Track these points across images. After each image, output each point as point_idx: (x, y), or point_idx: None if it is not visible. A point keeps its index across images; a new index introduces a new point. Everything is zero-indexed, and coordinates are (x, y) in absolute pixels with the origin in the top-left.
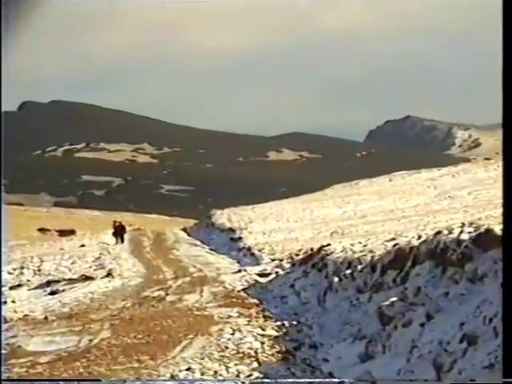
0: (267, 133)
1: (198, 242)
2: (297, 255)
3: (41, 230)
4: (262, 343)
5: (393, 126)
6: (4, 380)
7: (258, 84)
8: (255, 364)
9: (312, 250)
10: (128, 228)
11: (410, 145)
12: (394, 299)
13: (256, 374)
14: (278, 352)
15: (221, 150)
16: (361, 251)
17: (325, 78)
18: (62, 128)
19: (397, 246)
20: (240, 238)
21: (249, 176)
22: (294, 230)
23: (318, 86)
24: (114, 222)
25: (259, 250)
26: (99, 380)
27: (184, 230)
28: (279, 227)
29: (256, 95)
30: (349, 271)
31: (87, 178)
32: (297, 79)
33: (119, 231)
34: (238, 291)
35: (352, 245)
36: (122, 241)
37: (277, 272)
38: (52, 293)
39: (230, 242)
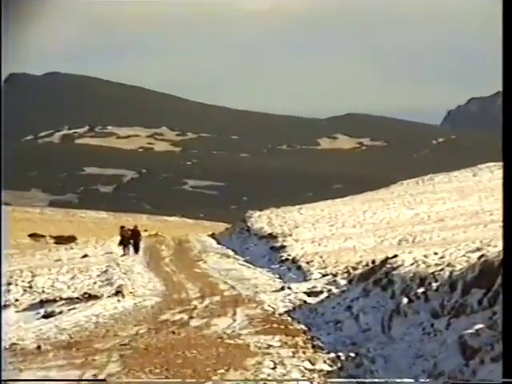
0: (318, 114)
1: (230, 252)
2: (355, 269)
3: (32, 235)
4: (311, 381)
5: (478, 104)
6: (4, 380)
7: (304, 53)
8: None
9: (374, 262)
10: (142, 234)
11: (500, 129)
12: (480, 326)
13: None
14: None
15: (259, 136)
16: (436, 264)
17: (388, 45)
18: (59, 107)
19: (483, 259)
20: (283, 247)
21: (294, 169)
22: (351, 237)
23: (379, 55)
24: (122, 228)
25: (307, 263)
26: (104, 380)
27: (213, 236)
28: (333, 234)
29: (302, 67)
30: (421, 290)
31: (91, 170)
32: (353, 48)
33: (132, 238)
34: (281, 314)
35: (425, 256)
36: (137, 250)
37: (329, 290)
38: (46, 315)
39: (271, 252)
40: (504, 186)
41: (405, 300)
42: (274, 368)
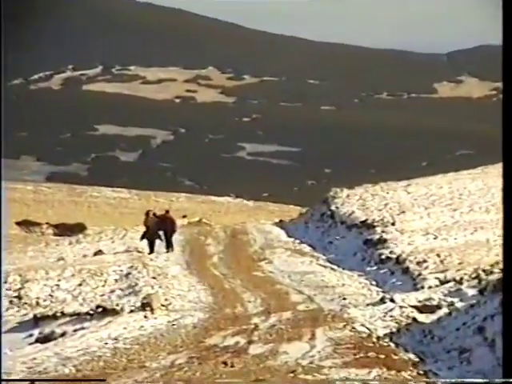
0: (434, 47)
1: (307, 247)
2: (488, 273)
3: (22, 223)
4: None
5: None
6: (4, 380)
7: None
8: None
9: None
10: (180, 221)
11: None
12: None
13: None
14: None
15: (349, 81)
16: None
17: None
18: (60, 37)
19: None
20: (383, 241)
21: (399, 127)
22: (482, 226)
23: None
24: (147, 213)
25: (418, 264)
26: (103, 380)
27: (281, 224)
28: (456, 222)
29: None
30: None
31: (106, 129)
32: None
33: (162, 228)
34: (380, 338)
35: None
36: (170, 246)
37: (451, 304)
38: (43, 339)
39: (365, 248)
40: (504, 186)
41: None
42: None
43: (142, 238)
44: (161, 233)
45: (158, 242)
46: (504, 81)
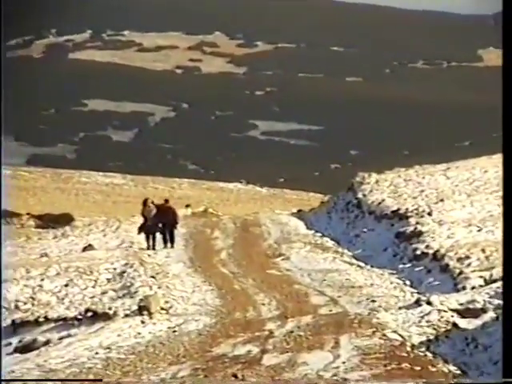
0: (477, 8)
1: (329, 242)
2: None
3: None
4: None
5: None
6: (4, 380)
7: None
8: None
9: None
10: (182, 212)
11: None
12: None
13: None
14: None
15: (378, 47)
16: None
17: None
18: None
19: None
20: (418, 234)
21: (438, 100)
22: None
23: None
24: (145, 203)
25: (460, 260)
26: (100, 380)
27: (299, 215)
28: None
29: None
30: None
31: (96, 104)
32: None
33: (162, 220)
34: (415, 347)
35: None
36: (169, 241)
37: (498, 308)
38: (23, 348)
39: (397, 242)
40: (504, 186)
41: None
42: None
43: (140, 231)
44: (159, 226)
45: (158, 236)
46: (504, 80)
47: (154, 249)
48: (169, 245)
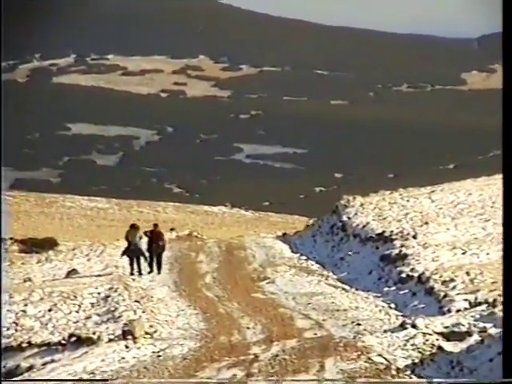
0: (462, 30)
1: (314, 265)
2: None
3: None
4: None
5: None
6: (4, 380)
7: None
8: None
9: None
10: (167, 235)
11: None
12: None
13: None
14: None
15: (362, 71)
16: None
17: None
18: (24, 20)
19: None
20: (403, 257)
21: (422, 123)
22: None
23: None
24: (130, 228)
25: (444, 283)
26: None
27: (284, 238)
28: (488, 234)
29: None
30: None
31: (81, 128)
32: None
33: (152, 245)
34: (400, 370)
35: None
36: (157, 266)
37: (483, 331)
38: (7, 374)
39: (382, 265)
40: (504, 188)
41: None
42: None
43: (123, 254)
44: (149, 253)
45: (142, 260)
46: (504, 80)
47: (140, 274)
48: (155, 271)
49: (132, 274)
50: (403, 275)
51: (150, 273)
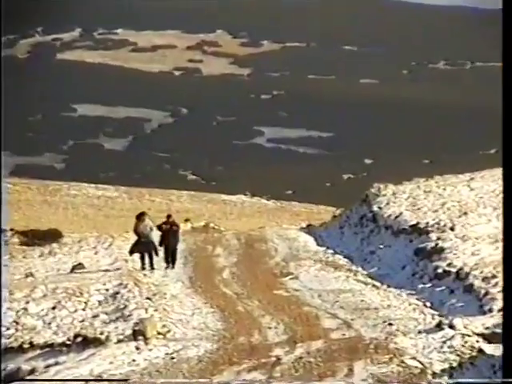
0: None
1: (342, 259)
2: None
3: None
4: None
5: None
6: (3, 380)
7: None
8: None
9: None
10: (181, 227)
11: None
12: None
13: None
14: None
15: (394, 46)
16: None
17: None
18: None
19: None
20: (440, 251)
21: (459, 105)
22: None
23: None
24: (140, 215)
25: (485, 279)
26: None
27: (309, 230)
28: None
29: None
30: None
31: (87, 110)
32: None
33: (164, 238)
34: (436, 374)
35: None
36: (171, 261)
37: None
38: (7, 377)
39: (417, 260)
40: (504, 189)
41: None
42: None
43: (132, 251)
44: (163, 246)
45: (154, 255)
46: (504, 81)
47: (152, 268)
48: (170, 265)
49: (143, 268)
50: (440, 271)
51: (167, 268)
